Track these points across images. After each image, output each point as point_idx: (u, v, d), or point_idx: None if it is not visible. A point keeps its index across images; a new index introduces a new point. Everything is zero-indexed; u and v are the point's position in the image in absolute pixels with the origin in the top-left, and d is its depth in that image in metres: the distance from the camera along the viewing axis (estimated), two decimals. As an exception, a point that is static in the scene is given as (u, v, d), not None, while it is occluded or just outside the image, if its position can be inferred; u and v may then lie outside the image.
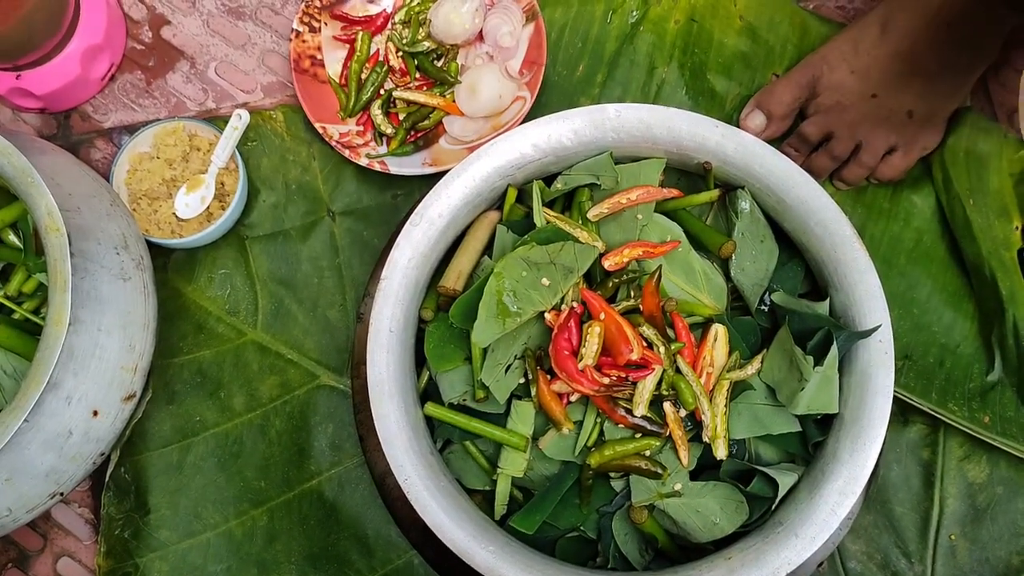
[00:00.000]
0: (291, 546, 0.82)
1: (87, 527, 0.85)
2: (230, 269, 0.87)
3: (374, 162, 0.84)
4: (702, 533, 0.68)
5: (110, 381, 0.70)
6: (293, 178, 0.88)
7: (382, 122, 0.86)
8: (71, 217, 0.68)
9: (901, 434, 0.81)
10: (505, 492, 0.70)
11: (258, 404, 0.84)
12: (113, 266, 0.71)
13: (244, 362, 0.85)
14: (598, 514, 0.70)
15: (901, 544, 0.80)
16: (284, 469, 0.83)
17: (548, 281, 0.67)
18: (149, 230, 0.84)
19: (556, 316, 0.67)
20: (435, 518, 0.65)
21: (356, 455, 0.83)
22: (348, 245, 0.87)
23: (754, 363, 0.68)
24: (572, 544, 0.71)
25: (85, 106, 0.90)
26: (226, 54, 0.91)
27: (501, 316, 0.66)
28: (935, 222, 0.84)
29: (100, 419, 0.70)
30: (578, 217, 0.71)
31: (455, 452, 0.72)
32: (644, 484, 0.68)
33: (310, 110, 0.85)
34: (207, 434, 0.84)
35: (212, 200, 0.84)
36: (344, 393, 0.84)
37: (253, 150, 0.88)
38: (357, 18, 0.88)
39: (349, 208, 0.87)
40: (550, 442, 0.68)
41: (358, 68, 0.87)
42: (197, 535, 0.82)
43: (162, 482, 0.82)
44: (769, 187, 0.69)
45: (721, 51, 0.88)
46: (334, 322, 0.86)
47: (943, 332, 0.82)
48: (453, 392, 0.69)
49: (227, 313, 0.86)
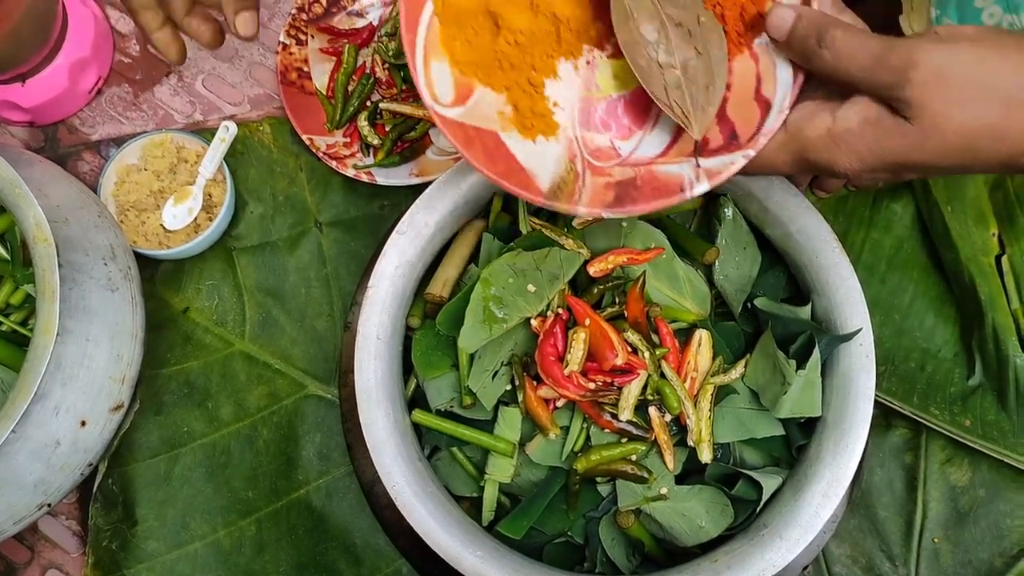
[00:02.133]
0: (279, 556, 0.82)
1: (74, 539, 0.84)
2: (218, 280, 0.87)
3: (361, 173, 0.85)
4: (688, 537, 0.68)
5: (98, 391, 0.70)
6: (280, 189, 0.88)
7: (369, 133, 0.86)
8: (59, 228, 0.69)
9: (884, 438, 0.82)
10: (492, 498, 0.70)
11: (246, 414, 0.84)
12: (101, 277, 0.71)
13: (232, 373, 0.85)
14: (585, 519, 0.71)
15: (885, 547, 0.81)
16: (272, 479, 0.83)
17: (534, 287, 0.67)
18: (137, 241, 0.84)
19: (542, 322, 0.67)
20: (423, 524, 0.65)
21: (344, 464, 0.83)
22: (335, 256, 0.87)
23: (738, 367, 0.69)
24: (559, 549, 0.71)
25: (73, 119, 0.91)
26: (213, 67, 0.92)
27: (488, 322, 0.67)
28: (915, 229, 0.85)
29: (88, 429, 0.70)
30: (563, 225, 0.72)
31: (443, 459, 0.72)
32: (630, 488, 0.68)
33: (297, 122, 0.86)
34: (195, 445, 0.84)
35: (200, 211, 0.84)
36: (332, 403, 0.84)
37: (240, 162, 0.88)
38: (343, 31, 0.89)
39: (336, 219, 0.88)
40: (537, 448, 0.69)
41: (344, 80, 0.88)
42: (185, 546, 0.82)
43: (150, 493, 0.82)
44: (752, 194, 0.70)
45: None
46: (322, 332, 0.86)
47: (924, 337, 0.83)
48: (440, 399, 0.70)
49: (215, 324, 0.86)
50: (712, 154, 0.55)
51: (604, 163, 0.57)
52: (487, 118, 0.56)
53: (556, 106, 0.58)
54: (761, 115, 0.55)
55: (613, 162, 0.58)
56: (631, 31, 0.53)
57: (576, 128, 0.58)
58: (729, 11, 0.55)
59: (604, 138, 0.58)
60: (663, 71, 0.53)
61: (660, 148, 0.58)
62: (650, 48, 0.53)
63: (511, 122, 0.57)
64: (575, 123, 0.58)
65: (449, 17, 0.56)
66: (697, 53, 0.53)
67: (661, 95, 0.54)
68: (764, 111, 0.55)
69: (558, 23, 0.57)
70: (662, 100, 0.53)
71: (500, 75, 0.57)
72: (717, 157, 0.55)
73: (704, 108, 0.54)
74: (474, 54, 0.57)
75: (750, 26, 0.56)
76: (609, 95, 0.59)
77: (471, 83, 0.57)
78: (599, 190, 0.56)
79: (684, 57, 0.53)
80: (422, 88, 0.55)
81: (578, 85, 0.59)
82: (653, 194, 0.55)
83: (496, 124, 0.56)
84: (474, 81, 0.57)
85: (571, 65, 0.58)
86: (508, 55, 0.57)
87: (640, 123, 0.59)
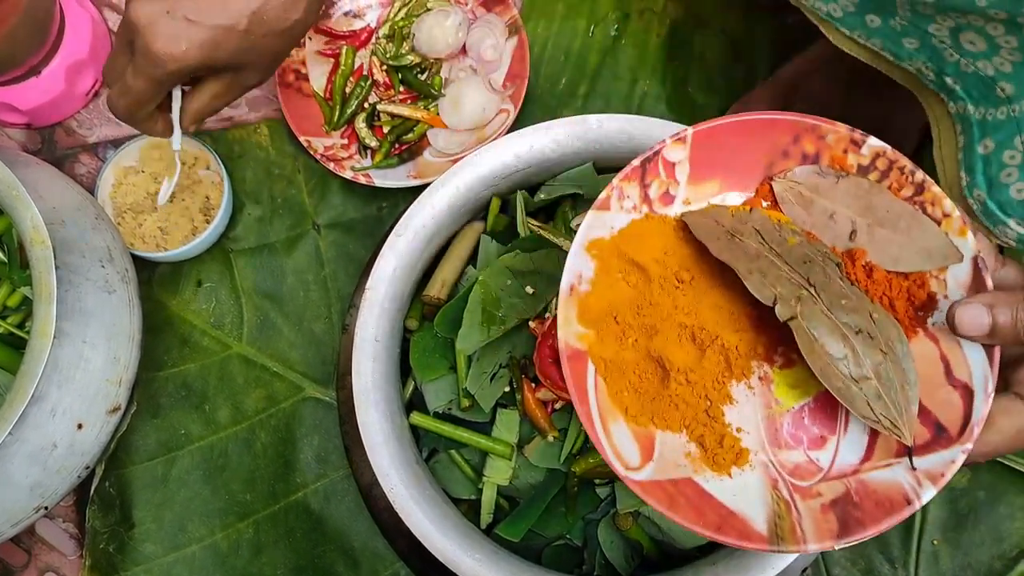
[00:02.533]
0: (277, 559, 0.82)
1: (71, 542, 0.84)
2: (215, 282, 0.87)
3: (359, 175, 0.84)
4: (687, 539, 0.68)
5: (95, 393, 0.70)
6: (278, 191, 0.88)
7: (366, 135, 0.86)
8: (56, 230, 0.69)
9: (883, 440, 0.82)
10: (491, 500, 0.70)
11: (243, 417, 0.84)
12: (98, 279, 0.71)
13: (229, 375, 0.85)
14: (584, 521, 0.70)
15: (884, 550, 0.81)
16: (270, 482, 0.83)
17: (532, 289, 0.67)
18: (134, 244, 0.84)
19: (540, 324, 0.67)
20: (421, 527, 0.65)
21: (342, 467, 0.83)
22: (333, 258, 0.87)
23: (737, 370, 0.69)
24: (558, 552, 0.71)
25: (70, 121, 0.91)
26: (211, 69, 0.92)
27: (486, 324, 0.67)
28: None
29: (85, 432, 0.70)
30: (561, 227, 0.71)
31: (441, 461, 0.72)
32: (629, 490, 0.68)
33: (295, 124, 0.86)
34: (192, 447, 0.84)
35: (197, 212, 0.84)
36: (330, 405, 0.84)
37: (238, 164, 0.88)
38: (341, 32, 0.89)
39: (334, 221, 0.88)
40: (535, 450, 0.69)
41: (342, 82, 0.88)
42: (182, 548, 0.82)
43: (147, 496, 0.82)
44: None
45: (702, 64, 0.89)
46: (319, 335, 0.86)
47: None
48: (438, 401, 0.70)
49: (212, 326, 0.86)
50: (923, 452, 0.52)
51: (808, 482, 0.54)
52: (677, 465, 0.54)
53: (740, 431, 0.55)
54: (963, 400, 0.52)
55: (817, 478, 0.54)
56: (819, 356, 0.51)
57: (768, 450, 0.55)
58: (898, 300, 0.54)
59: (798, 453, 0.55)
60: (859, 385, 0.51)
61: (861, 451, 0.54)
62: (840, 365, 0.51)
63: (701, 462, 0.54)
64: (765, 445, 0.55)
65: (614, 373, 0.55)
66: (883, 354, 0.51)
67: (866, 412, 0.51)
68: (965, 396, 0.52)
69: (726, 351, 0.55)
70: (869, 417, 0.51)
71: (676, 415, 0.55)
72: (931, 455, 0.52)
73: (907, 409, 0.51)
74: (645, 402, 0.55)
75: (919, 308, 0.55)
76: (791, 407, 0.56)
77: (650, 431, 0.55)
78: (818, 518, 0.52)
79: (874, 363, 0.51)
80: (611, 459, 0.53)
81: (757, 404, 0.56)
82: (879, 512, 0.52)
83: (688, 469, 0.54)
84: (652, 428, 0.55)
85: (744, 386, 0.56)
86: (680, 394, 0.55)
87: (831, 428, 0.56)
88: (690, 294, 0.56)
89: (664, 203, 0.57)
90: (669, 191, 0.57)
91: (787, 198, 0.57)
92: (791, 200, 0.56)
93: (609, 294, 0.56)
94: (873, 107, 0.81)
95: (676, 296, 0.55)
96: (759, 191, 0.57)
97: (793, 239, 0.55)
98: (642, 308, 0.55)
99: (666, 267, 0.56)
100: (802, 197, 0.56)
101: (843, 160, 0.56)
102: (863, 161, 0.55)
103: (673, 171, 0.56)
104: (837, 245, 0.56)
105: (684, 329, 0.55)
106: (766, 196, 0.57)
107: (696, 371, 0.55)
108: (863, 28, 0.57)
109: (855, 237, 0.56)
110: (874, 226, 0.55)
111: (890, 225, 0.55)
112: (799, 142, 0.56)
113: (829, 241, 0.56)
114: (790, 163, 0.56)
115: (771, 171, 0.57)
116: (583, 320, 0.55)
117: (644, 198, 0.56)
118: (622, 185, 0.55)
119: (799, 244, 0.55)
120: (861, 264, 0.55)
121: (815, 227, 0.56)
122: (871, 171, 0.55)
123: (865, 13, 0.56)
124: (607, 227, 0.56)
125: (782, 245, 0.55)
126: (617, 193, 0.56)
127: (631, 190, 0.56)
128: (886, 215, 0.55)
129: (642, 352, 0.55)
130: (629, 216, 0.56)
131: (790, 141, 0.56)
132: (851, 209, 0.56)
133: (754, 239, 0.55)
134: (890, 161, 0.55)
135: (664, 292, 0.55)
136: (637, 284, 0.56)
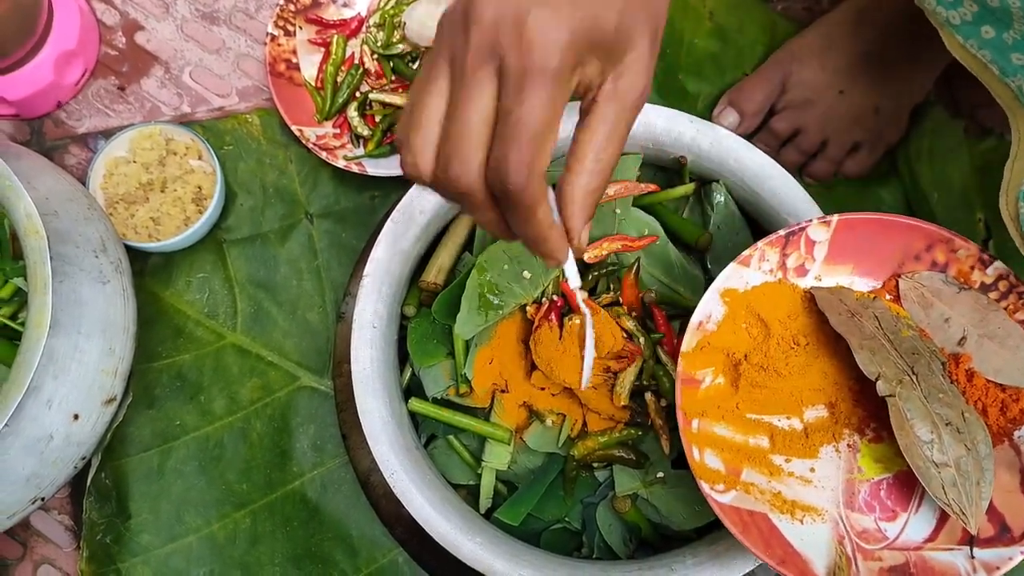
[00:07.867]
0: (274, 548, 0.82)
1: (67, 534, 0.84)
2: (208, 273, 0.87)
3: (351, 164, 0.84)
4: (685, 521, 0.69)
5: (90, 385, 0.70)
6: (270, 181, 0.88)
7: (358, 124, 0.86)
8: (49, 221, 0.68)
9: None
10: (490, 485, 0.70)
11: (239, 407, 0.84)
12: (92, 269, 0.70)
13: (224, 365, 0.85)
14: (582, 505, 0.71)
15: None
16: (266, 471, 0.83)
17: (529, 274, 0.67)
18: (126, 234, 0.84)
19: (537, 309, 0.68)
20: (422, 512, 0.65)
21: (338, 455, 0.83)
22: (326, 247, 0.87)
23: (732, 353, 0.70)
24: (557, 535, 0.71)
25: (59, 112, 0.90)
26: (201, 59, 0.91)
27: (483, 309, 0.67)
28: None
29: (81, 423, 0.70)
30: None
31: (439, 447, 0.72)
32: (627, 474, 0.69)
33: (286, 113, 0.86)
34: (188, 438, 0.83)
35: (189, 203, 0.84)
36: (325, 394, 0.84)
37: (230, 154, 0.88)
38: (332, 22, 0.89)
39: (327, 210, 0.88)
40: (533, 435, 0.69)
41: (333, 71, 0.87)
42: (179, 539, 0.81)
43: (143, 487, 0.82)
44: (743, 180, 0.70)
45: (692, 51, 0.90)
46: (314, 324, 0.86)
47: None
48: (436, 387, 0.70)
49: (206, 317, 0.86)
50: (985, 545, 0.58)
51: (873, 546, 0.60)
52: (756, 500, 0.60)
53: (819, 487, 0.62)
54: None
55: (881, 545, 0.60)
56: (908, 434, 0.56)
57: (841, 509, 0.61)
58: (992, 407, 0.60)
59: (869, 520, 0.61)
60: (939, 469, 0.56)
61: (927, 532, 0.60)
62: (925, 447, 0.56)
63: (779, 505, 0.60)
64: (840, 504, 0.61)
65: (719, 408, 0.62)
66: (967, 450, 0.57)
67: (940, 494, 0.56)
68: None
69: (825, 411, 0.62)
70: (941, 499, 0.56)
71: (768, 461, 0.62)
72: (991, 549, 0.58)
73: (978, 502, 0.57)
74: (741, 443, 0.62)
75: (1010, 420, 0.60)
76: (871, 478, 0.62)
77: (739, 466, 0.61)
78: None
79: (956, 455, 0.56)
80: (699, 477, 0.59)
81: (840, 467, 0.62)
82: None
83: (765, 506, 0.60)
84: (742, 464, 0.61)
85: (832, 448, 0.62)
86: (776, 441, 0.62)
87: (904, 505, 0.61)
88: (802, 356, 0.61)
89: (798, 274, 0.62)
90: (805, 265, 0.62)
91: (910, 296, 0.62)
92: (913, 299, 0.62)
93: (731, 338, 0.61)
94: (865, 96, 0.82)
95: (790, 355, 0.61)
96: (885, 284, 0.63)
97: (907, 331, 0.60)
98: (756, 358, 0.61)
99: (787, 328, 0.62)
100: (924, 298, 0.62)
101: (968, 275, 0.61)
102: (987, 280, 0.60)
103: (812, 249, 0.62)
104: (946, 347, 0.61)
105: (792, 387, 0.61)
106: (891, 290, 0.63)
107: (793, 425, 0.62)
108: (977, 38, 0.58)
109: (964, 343, 0.61)
110: (984, 338, 0.60)
111: (999, 340, 0.60)
112: (931, 250, 0.61)
113: (939, 342, 0.61)
114: (919, 266, 0.62)
115: (900, 269, 0.62)
116: (702, 351, 0.61)
117: (781, 265, 0.62)
118: (765, 248, 0.61)
119: (911, 337, 0.60)
120: (964, 368, 0.60)
121: (930, 327, 0.62)
122: (992, 290, 0.61)
123: (982, 24, 0.57)
124: (743, 281, 0.61)
125: (896, 335, 0.60)
126: (759, 255, 0.61)
127: (771, 255, 0.61)
128: (997, 330, 0.60)
129: (748, 397, 0.61)
130: (764, 277, 0.62)
131: (924, 247, 0.61)
132: (966, 318, 0.61)
133: (872, 323, 0.60)
134: (1011, 285, 0.60)
135: (779, 349, 0.61)
136: (757, 337, 0.62)
